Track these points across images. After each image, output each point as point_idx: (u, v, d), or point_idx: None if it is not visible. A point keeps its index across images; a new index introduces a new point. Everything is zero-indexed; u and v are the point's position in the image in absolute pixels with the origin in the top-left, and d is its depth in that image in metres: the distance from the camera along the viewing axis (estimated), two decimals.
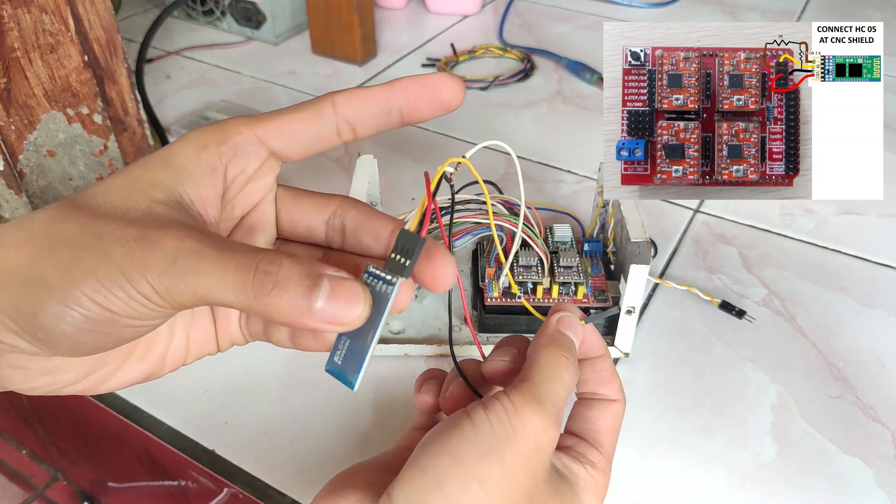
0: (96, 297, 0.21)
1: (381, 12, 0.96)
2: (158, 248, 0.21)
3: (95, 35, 0.55)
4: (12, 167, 0.51)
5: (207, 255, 0.21)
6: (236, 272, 0.21)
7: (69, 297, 0.21)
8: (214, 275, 0.21)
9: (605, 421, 0.30)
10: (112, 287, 0.21)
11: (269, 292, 0.21)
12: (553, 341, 0.28)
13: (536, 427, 0.25)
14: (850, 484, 0.39)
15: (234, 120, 0.25)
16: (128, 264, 0.21)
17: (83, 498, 0.62)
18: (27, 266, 0.22)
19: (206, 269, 0.21)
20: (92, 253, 0.21)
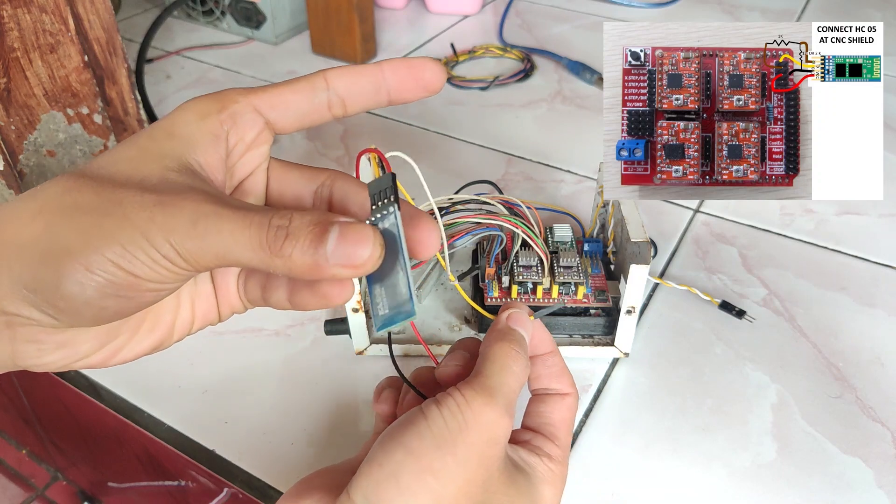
0: (120, 262, 0.21)
1: (381, 12, 0.96)
2: (179, 212, 0.22)
3: (95, 35, 0.55)
4: (12, 167, 0.51)
5: (226, 216, 0.22)
6: (253, 230, 0.22)
7: (93, 262, 0.21)
8: (234, 234, 0.22)
9: (559, 414, 0.31)
10: (136, 251, 0.21)
11: (283, 244, 0.22)
12: (502, 336, 0.29)
13: (489, 418, 0.26)
14: (850, 484, 0.39)
15: (231, 90, 0.25)
16: (150, 228, 0.21)
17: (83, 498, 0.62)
18: (45, 236, 0.22)
19: (226, 228, 0.22)
20: (113, 219, 0.22)
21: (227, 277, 0.28)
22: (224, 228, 0.22)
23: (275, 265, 0.22)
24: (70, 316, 0.23)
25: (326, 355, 0.47)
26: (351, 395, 0.44)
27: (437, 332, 0.47)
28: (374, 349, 0.46)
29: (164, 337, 0.27)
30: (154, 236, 0.21)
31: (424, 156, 0.67)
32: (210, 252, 0.22)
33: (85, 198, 0.22)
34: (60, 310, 0.22)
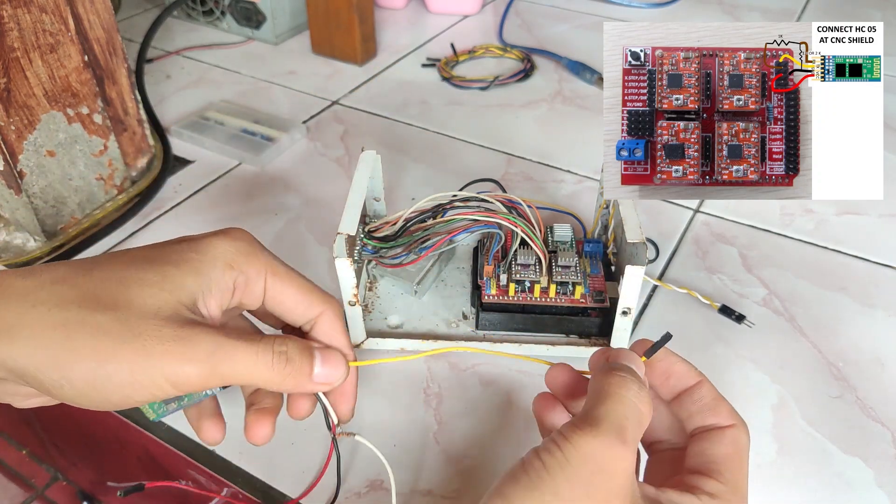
0: (126, 390, 0.25)
1: (381, 12, 0.96)
2: (197, 344, 0.26)
3: (95, 35, 0.55)
4: (12, 167, 0.51)
5: (240, 347, 0.27)
6: (257, 359, 0.27)
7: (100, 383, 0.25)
8: (247, 360, 0.27)
9: (719, 449, 0.27)
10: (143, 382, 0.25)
11: (284, 370, 0.28)
12: (605, 370, 0.27)
13: (593, 449, 0.24)
14: (850, 484, 0.39)
15: (261, 259, 0.30)
16: (166, 360, 0.25)
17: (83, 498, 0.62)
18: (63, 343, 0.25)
19: (240, 356, 0.26)
20: (132, 347, 0.25)
21: None
22: (238, 356, 0.26)
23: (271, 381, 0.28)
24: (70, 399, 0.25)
25: None
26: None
27: (435, 328, 0.47)
28: (371, 342, 0.46)
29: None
30: (167, 372, 0.25)
31: (424, 156, 0.67)
32: (213, 380, 0.26)
33: (107, 320, 0.25)
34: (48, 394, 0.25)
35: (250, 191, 0.63)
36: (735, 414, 0.28)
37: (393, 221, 0.45)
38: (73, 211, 0.57)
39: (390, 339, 0.46)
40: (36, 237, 0.56)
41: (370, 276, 0.51)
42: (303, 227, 0.58)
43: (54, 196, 0.55)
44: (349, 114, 0.74)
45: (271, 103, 0.77)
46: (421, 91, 0.78)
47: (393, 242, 0.45)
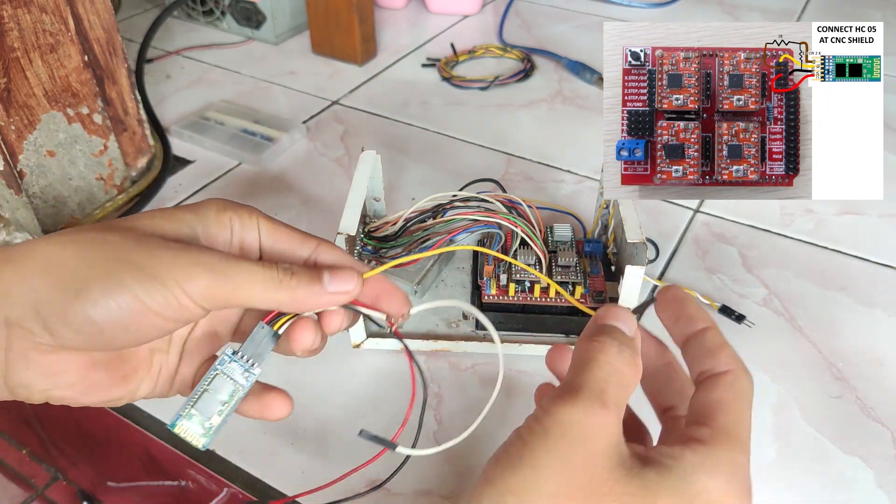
0: (140, 293, 0.25)
1: (381, 12, 0.96)
2: (199, 257, 0.26)
3: (95, 35, 0.55)
4: (12, 167, 0.51)
5: (241, 262, 0.26)
6: (264, 273, 0.27)
7: (114, 290, 0.24)
8: (248, 274, 0.26)
9: (714, 394, 0.26)
10: (157, 286, 0.25)
11: (290, 282, 0.27)
12: (587, 334, 0.26)
13: (570, 417, 0.23)
14: (850, 484, 0.39)
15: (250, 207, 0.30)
16: (174, 266, 0.25)
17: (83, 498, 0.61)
18: (74, 259, 0.25)
19: (243, 270, 0.26)
20: (140, 255, 0.25)
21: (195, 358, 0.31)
22: (241, 270, 0.26)
23: (281, 297, 0.27)
24: (69, 336, 0.25)
25: (325, 353, 0.47)
26: (350, 391, 0.44)
27: (435, 328, 0.47)
28: (371, 342, 0.46)
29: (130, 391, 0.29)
30: (177, 274, 0.25)
31: (424, 156, 0.67)
32: (222, 290, 0.26)
33: (115, 237, 0.26)
34: (65, 326, 0.25)
35: (250, 191, 0.63)
36: (735, 359, 0.27)
37: (393, 221, 0.45)
38: (73, 211, 0.57)
39: (390, 339, 0.46)
40: (36, 237, 0.56)
41: None
42: (303, 227, 0.58)
43: (54, 196, 0.55)
44: (349, 114, 0.74)
45: (271, 103, 0.77)
46: (421, 91, 0.78)
47: (393, 242, 0.45)
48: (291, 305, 0.28)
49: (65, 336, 0.25)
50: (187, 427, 0.28)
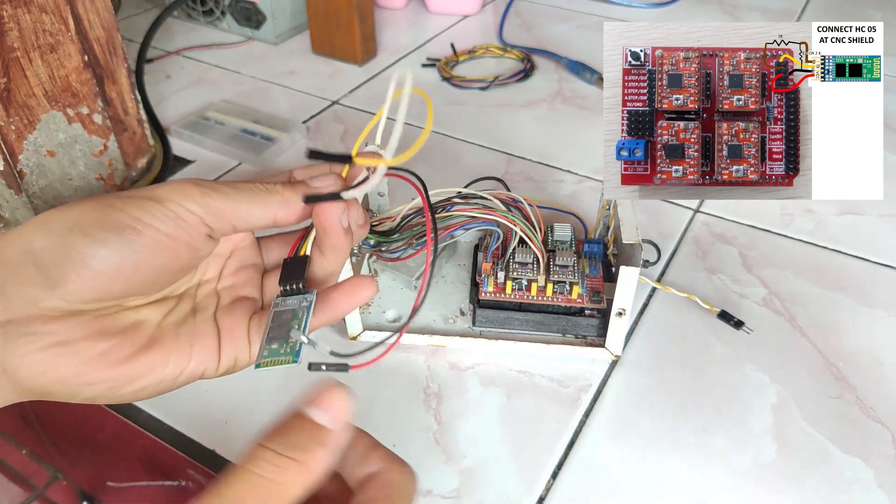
0: (134, 210, 0.24)
1: (381, 12, 0.96)
2: (194, 184, 0.26)
3: (95, 35, 0.55)
4: (12, 167, 0.51)
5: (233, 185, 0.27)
6: (249, 185, 0.27)
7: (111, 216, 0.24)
8: (235, 190, 0.26)
9: (366, 495, 0.24)
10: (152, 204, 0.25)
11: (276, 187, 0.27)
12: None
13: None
14: (850, 484, 0.39)
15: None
16: (166, 187, 0.25)
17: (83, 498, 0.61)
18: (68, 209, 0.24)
19: (228, 188, 0.26)
20: (131, 191, 0.25)
21: (236, 327, 0.28)
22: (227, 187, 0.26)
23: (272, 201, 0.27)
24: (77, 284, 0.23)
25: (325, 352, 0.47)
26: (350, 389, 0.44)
27: (432, 324, 0.47)
28: (368, 335, 0.46)
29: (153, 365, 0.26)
30: (170, 193, 0.25)
31: (424, 156, 0.67)
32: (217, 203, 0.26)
33: (107, 195, 0.25)
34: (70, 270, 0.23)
35: None
36: (386, 458, 0.25)
37: (393, 217, 0.45)
38: None
39: (387, 332, 0.46)
40: None
41: (371, 269, 0.51)
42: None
43: (54, 196, 0.55)
44: (349, 114, 0.74)
45: (271, 103, 0.77)
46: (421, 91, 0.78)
47: (394, 237, 0.45)
48: (284, 211, 0.27)
49: (70, 281, 0.23)
50: (270, 358, 0.26)
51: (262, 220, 0.27)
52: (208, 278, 0.30)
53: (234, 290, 0.30)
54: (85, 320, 0.24)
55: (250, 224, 0.27)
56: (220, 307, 0.29)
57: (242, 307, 0.29)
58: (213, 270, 0.30)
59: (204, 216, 0.26)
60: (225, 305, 0.29)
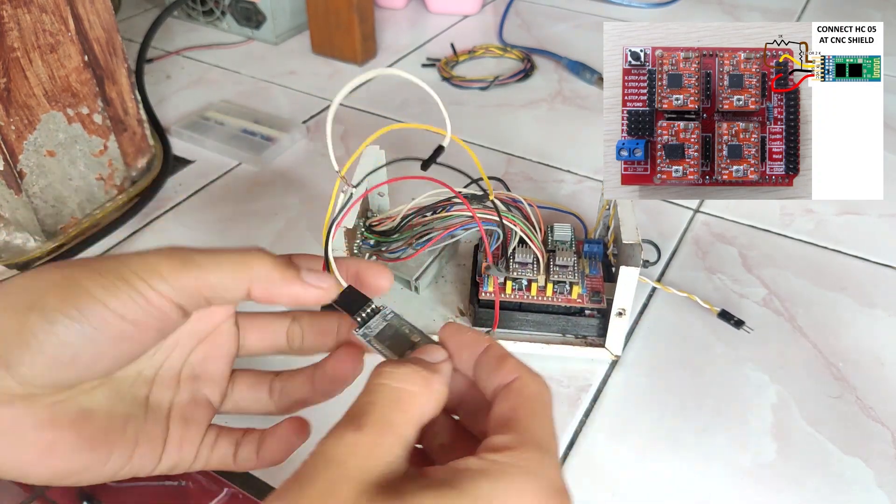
0: (96, 291, 0.22)
1: (381, 12, 0.96)
2: (169, 256, 0.24)
3: (95, 35, 0.55)
4: (12, 167, 0.51)
5: (209, 250, 0.25)
6: (231, 255, 0.25)
7: (72, 294, 0.22)
8: (214, 259, 0.24)
9: (505, 404, 0.24)
10: (116, 283, 0.23)
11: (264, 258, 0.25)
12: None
13: (324, 444, 0.22)
14: (850, 484, 0.39)
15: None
16: (134, 261, 0.23)
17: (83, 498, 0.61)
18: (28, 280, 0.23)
19: (207, 256, 0.24)
20: (98, 262, 0.23)
21: (190, 428, 0.28)
22: (207, 254, 0.24)
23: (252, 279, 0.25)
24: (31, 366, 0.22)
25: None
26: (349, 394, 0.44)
27: (432, 324, 0.47)
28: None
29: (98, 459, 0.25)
30: (137, 268, 0.23)
31: (424, 156, 0.67)
32: (189, 277, 0.24)
33: (75, 265, 0.24)
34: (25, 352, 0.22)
35: (250, 191, 0.63)
36: (519, 366, 0.25)
37: (393, 217, 0.45)
38: (73, 211, 0.57)
39: None
40: (36, 237, 0.56)
41: None
42: (303, 226, 0.58)
43: (54, 196, 0.55)
44: (349, 114, 0.74)
45: (271, 103, 0.77)
46: (421, 91, 0.78)
47: (394, 237, 0.45)
48: (264, 287, 0.25)
49: (23, 365, 0.22)
50: None
51: (238, 293, 0.25)
52: (172, 363, 0.28)
53: (196, 383, 0.28)
54: (36, 407, 0.23)
55: (225, 298, 0.25)
56: (176, 404, 0.28)
57: (199, 415, 0.28)
58: (179, 354, 0.28)
59: (174, 297, 0.24)
60: (182, 404, 0.28)
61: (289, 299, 0.26)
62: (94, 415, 0.25)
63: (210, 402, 0.28)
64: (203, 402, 0.28)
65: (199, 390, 0.28)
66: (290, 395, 0.30)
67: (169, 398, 0.28)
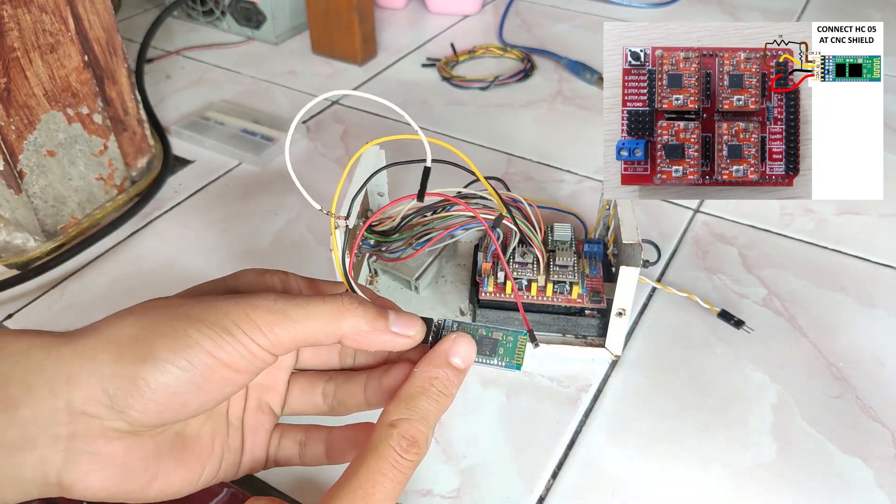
0: (204, 343, 0.24)
1: (381, 12, 0.96)
2: (260, 300, 0.25)
3: (95, 35, 0.55)
4: (12, 167, 0.51)
5: (297, 298, 0.26)
6: (324, 304, 0.26)
7: (181, 347, 0.24)
8: (310, 314, 0.26)
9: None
10: (224, 335, 0.24)
11: (356, 311, 0.26)
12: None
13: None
14: (850, 484, 0.39)
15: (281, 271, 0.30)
16: (234, 312, 0.25)
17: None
18: (140, 331, 0.24)
19: (300, 306, 0.26)
20: (199, 308, 0.25)
21: (259, 433, 0.30)
22: (299, 304, 0.26)
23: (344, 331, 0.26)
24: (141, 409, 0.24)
25: None
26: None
27: None
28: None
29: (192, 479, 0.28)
30: (240, 319, 0.25)
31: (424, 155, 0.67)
32: (290, 332, 0.25)
33: (173, 300, 0.26)
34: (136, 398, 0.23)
35: (250, 191, 0.63)
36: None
37: (393, 217, 0.45)
38: (73, 211, 0.57)
39: None
40: (36, 237, 0.56)
41: (371, 270, 0.51)
42: (303, 226, 0.58)
43: (54, 196, 0.55)
44: (349, 114, 0.74)
45: (271, 103, 0.77)
46: (421, 91, 0.78)
47: (394, 237, 0.45)
48: (354, 338, 0.27)
49: (136, 410, 0.24)
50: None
51: (331, 339, 0.27)
52: None
53: (259, 391, 0.30)
54: (142, 441, 0.25)
55: (316, 343, 0.27)
56: (247, 414, 0.30)
57: (265, 421, 0.30)
58: None
59: (272, 348, 0.25)
60: (251, 412, 0.30)
61: (378, 348, 0.28)
62: (190, 439, 0.27)
63: (272, 408, 0.31)
64: (266, 409, 0.30)
65: (262, 398, 0.30)
66: (344, 401, 0.31)
67: (241, 408, 0.30)
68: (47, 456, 0.23)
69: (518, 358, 0.30)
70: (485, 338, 0.30)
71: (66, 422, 0.23)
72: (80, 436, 0.23)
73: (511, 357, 0.30)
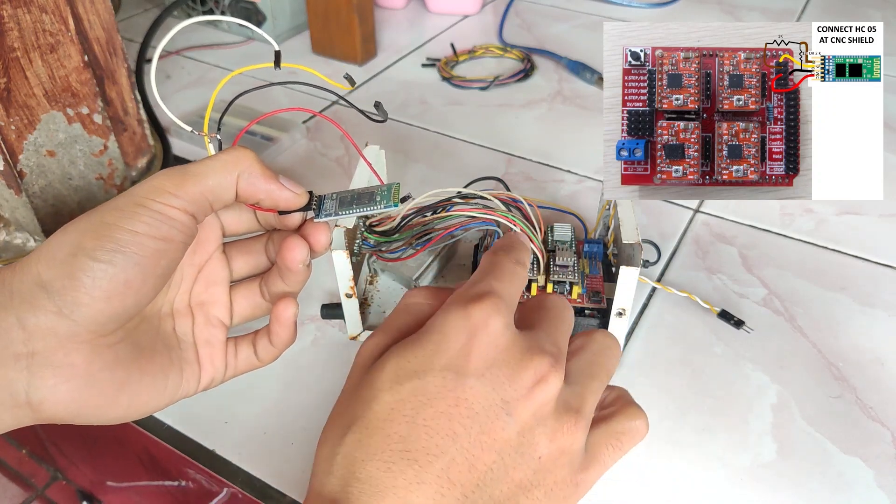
0: (123, 223, 0.25)
1: (381, 12, 0.96)
2: (161, 172, 0.27)
3: (95, 35, 0.55)
4: (12, 167, 0.51)
5: (199, 160, 0.28)
6: (223, 156, 0.29)
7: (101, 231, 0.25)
8: (209, 165, 0.28)
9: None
10: (134, 207, 0.26)
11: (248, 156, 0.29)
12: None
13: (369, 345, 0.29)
14: (850, 484, 0.39)
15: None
16: (141, 189, 0.26)
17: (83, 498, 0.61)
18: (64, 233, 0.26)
19: (202, 165, 0.28)
20: (111, 202, 0.26)
21: (215, 346, 0.33)
22: (207, 160, 0.28)
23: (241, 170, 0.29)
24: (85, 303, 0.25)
25: (326, 355, 0.47)
26: None
27: None
28: (367, 335, 0.46)
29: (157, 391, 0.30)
30: (150, 191, 0.26)
31: (424, 156, 0.67)
32: (197, 183, 0.27)
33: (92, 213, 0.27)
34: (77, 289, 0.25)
35: None
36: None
37: (393, 217, 0.45)
38: (73, 211, 0.57)
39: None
40: (36, 237, 0.56)
41: (371, 269, 0.51)
42: None
43: (54, 196, 0.55)
44: (349, 113, 0.74)
45: (271, 103, 0.77)
46: (421, 91, 0.78)
47: (394, 237, 0.45)
48: (248, 187, 0.29)
49: (83, 305, 0.25)
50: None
51: (231, 190, 0.29)
52: (182, 297, 0.32)
53: (206, 308, 0.33)
54: (101, 350, 0.26)
55: (223, 198, 0.29)
56: (197, 330, 0.32)
57: (217, 334, 0.33)
58: (185, 287, 0.32)
59: (187, 207, 0.27)
60: (201, 328, 0.32)
61: (266, 195, 0.30)
62: (147, 350, 0.29)
63: (221, 321, 0.33)
64: (216, 323, 0.33)
65: (210, 313, 0.33)
66: (274, 290, 0.33)
67: (190, 325, 0.32)
68: (12, 376, 0.24)
69: (394, 198, 0.34)
70: (363, 193, 0.35)
71: (23, 339, 0.24)
72: (40, 352, 0.25)
73: (388, 200, 0.35)
